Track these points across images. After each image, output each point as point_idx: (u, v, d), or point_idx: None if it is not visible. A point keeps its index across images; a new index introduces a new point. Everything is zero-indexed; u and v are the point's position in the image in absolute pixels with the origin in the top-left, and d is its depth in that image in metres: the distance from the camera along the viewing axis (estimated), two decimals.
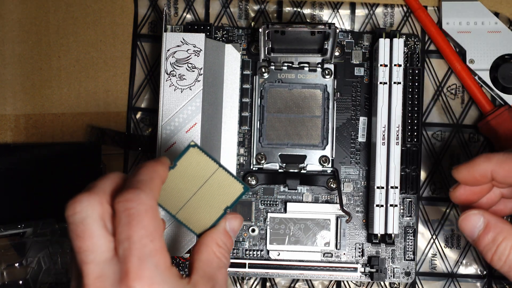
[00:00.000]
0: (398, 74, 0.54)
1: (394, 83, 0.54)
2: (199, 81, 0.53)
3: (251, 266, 0.56)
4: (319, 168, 0.57)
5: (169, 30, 0.57)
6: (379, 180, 0.53)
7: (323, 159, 0.57)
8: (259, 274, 0.56)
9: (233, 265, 0.56)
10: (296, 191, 0.57)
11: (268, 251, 0.57)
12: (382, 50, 0.54)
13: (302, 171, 0.57)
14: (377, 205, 0.53)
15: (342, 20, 0.59)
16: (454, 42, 0.58)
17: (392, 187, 0.53)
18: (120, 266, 0.36)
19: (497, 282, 0.57)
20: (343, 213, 0.55)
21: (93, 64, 0.59)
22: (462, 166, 0.44)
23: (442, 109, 0.58)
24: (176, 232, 0.52)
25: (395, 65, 0.54)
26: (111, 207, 0.38)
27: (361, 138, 0.57)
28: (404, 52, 0.56)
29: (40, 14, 0.59)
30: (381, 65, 0.54)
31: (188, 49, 0.53)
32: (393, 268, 0.56)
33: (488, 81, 0.57)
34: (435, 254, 0.58)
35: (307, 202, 0.57)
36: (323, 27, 0.51)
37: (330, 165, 0.57)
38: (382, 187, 0.53)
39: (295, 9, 0.59)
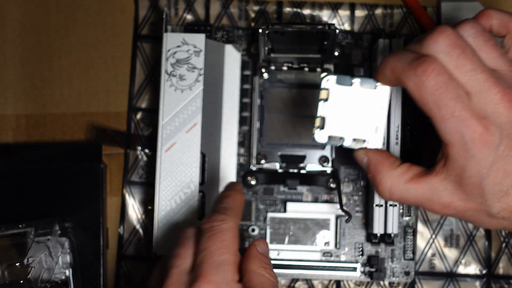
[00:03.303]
0: None
1: None
2: (199, 81, 0.53)
3: None
4: (319, 168, 0.57)
5: (169, 31, 0.57)
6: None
7: (322, 159, 0.57)
8: None
9: None
10: (296, 191, 0.57)
11: None
12: (382, 50, 0.54)
13: (302, 171, 0.57)
14: (377, 205, 0.53)
15: (341, 20, 0.59)
16: None
17: None
18: (195, 272, 0.43)
19: (496, 281, 0.58)
20: (343, 213, 0.55)
21: (94, 64, 0.59)
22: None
23: None
24: (176, 232, 0.52)
25: None
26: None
27: None
28: None
29: (40, 14, 0.59)
30: None
31: (188, 50, 0.53)
32: (393, 268, 0.56)
33: None
34: (435, 254, 0.58)
35: (306, 202, 0.57)
36: (322, 27, 0.51)
37: (330, 165, 0.57)
38: None
39: (295, 9, 0.59)
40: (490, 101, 0.42)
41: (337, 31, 0.51)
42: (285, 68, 0.58)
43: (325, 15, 0.59)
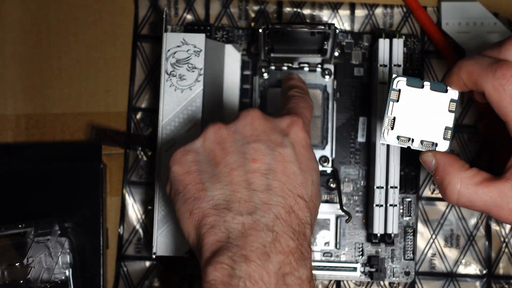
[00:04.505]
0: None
1: None
2: (199, 81, 0.53)
3: None
4: (319, 168, 0.57)
5: (169, 31, 0.57)
6: (379, 180, 0.54)
7: (323, 159, 0.57)
8: None
9: None
10: None
11: None
12: (382, 50, 0.54)
13: None
14: (377, 205, 0.53)
15: (341, 20, 0.59)
16: (454, 43, 0.58)
17: (391, 187, 0.53)
18: (289, 109, 0.48)
19: (496, 281, 0.58)
20: (343, 213, 0.55)
21: (94, 64, 0.59)
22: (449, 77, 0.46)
23: None
24: (176, 232, 0.52)
25: (394, 65, 0.54)
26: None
27: (361, 138, 0.58)
28: (404, 52, 0.56)
29: (40, 14, 0.59)
30: (380, 66, 0.54)
31: (188, 50, 0.53)
32: (393, 268, 0.56)
33: None
34: (435, 254, 0.58)
35: None
36: (322, 27, 0.51)
37: (330, 165, 0.57)
38: (382, 187, 0.54)
39: (295, 9, 0.59)
40: None
41: (337, 31, 0.51)
42: (285, 68, 0.58)
43: (325, 15, 0.59)
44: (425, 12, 0.58)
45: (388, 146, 0.53)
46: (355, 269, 0.56)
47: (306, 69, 0.57)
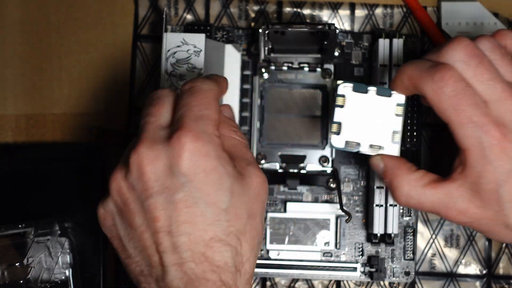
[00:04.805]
0: None
1: None
2: None
3: None
4: (319, 168, 0.57)
5: (169, 31, 0.57)
6: (379, 180, 0.54)
7: (323, 159, 0.57)
8: (259, 274, 0.57)
9: None
10: (296, 191, 0.57)
11: (268, 251, 0.57)
12: (382, 50, 0.54)
13: (302, 171, 0.57)
14: (377, 205, 0.53)
15: (341, 20, 0.59)
16: None
17: None
18: (174, 125, 0.41)
19: (496, 281, 0.58)
20: (343, 213, 0.55)
21: (94, 64, 0.59)
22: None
23: None
24: None
25: (394, 65, 0.54)
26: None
27: None
28: (404, 52, 0.56)
29: (40, 14, 0.59)
30: (380, 66, 0.54)
31: (188, 50, 0.53)
32: (393, 268, 0.56)
33: None
34: (435, 254, 0.58)
35: (307, 202, 0.57)
36: (322, 27, 0.51)
37: (330, 165, 0.57)
38: (382, 187, 0.54)
39: (295, 9, 0.59)
40: (508, 109, 0.42)
41: (337, 31, 0.51)
42: (285, 68, 0.58)
43: (325, 15, 0.59)
44: (425, 12, 0.58)
45: None
46: (355, 269, 0.56)
47: (306, 69, 0.58)
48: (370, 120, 0.47)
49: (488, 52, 0.44)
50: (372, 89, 0.46)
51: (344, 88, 0.47)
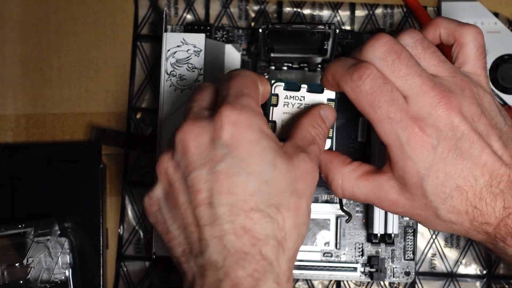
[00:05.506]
0: None
1: None
2: (199, 81, 0.53)
3: None
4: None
5: (169, 30, 0.57)
6: None
7: None
8: None
9: None
10: None
11: None
12: None
13: None
14: None
15: (342, 20, 0.59)
16: None
17: None
18: (217, 106, 0.42)
19: (497, 282, 0.58)
20: (343, 213, 0.55)
21: (94, 64, 0.59)
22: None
23: None
24: None
25: None
26: None
27: (361, 138, 0.57)
28: None
29: (40, 14, 0.59)
30: None
31: (188, 49, 0.53)
32: (393, 268, 0.56)
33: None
34: (435, 254, 0.58)
35: None
36: (323, 27, 0.51)
37: None
38: None
39: (295, 9, 0.59)
40: (427, 104, 0.42)
41: (337, 31, 0.51)
42: (285, 68, 0.57)
43: (325, 15, 0.59)
44: (425, 12, 0.58)
45: None
46: (355, 269, 0.56)
47: (306, 69, 0.57)
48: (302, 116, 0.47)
49: (410, 48, 0.44)
50: (304, 87, 0.47)
51: (277, 87, 0.47)
